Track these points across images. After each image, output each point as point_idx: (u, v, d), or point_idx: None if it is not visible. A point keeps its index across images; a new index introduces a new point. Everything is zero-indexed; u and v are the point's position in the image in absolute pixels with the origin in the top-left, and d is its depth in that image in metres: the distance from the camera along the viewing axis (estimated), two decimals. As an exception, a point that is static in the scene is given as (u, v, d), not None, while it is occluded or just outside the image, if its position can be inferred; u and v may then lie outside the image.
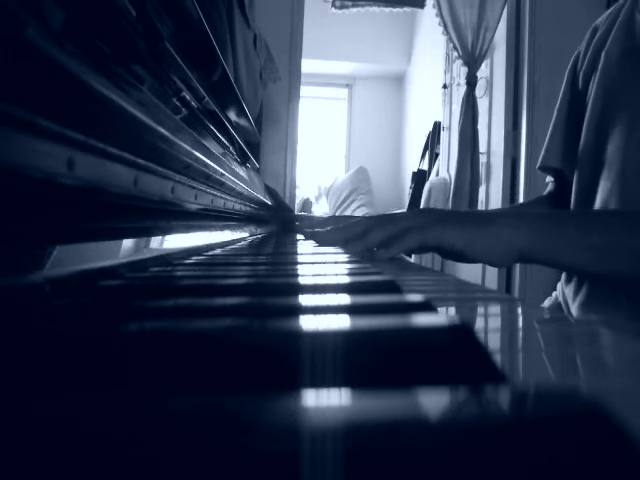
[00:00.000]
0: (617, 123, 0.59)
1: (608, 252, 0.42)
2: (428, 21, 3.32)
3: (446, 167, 2.88)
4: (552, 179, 0.77)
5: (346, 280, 0.25)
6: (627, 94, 0.59)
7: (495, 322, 0.21)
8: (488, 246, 0.43)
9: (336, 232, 0.54)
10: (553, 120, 0.74)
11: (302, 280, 0.26)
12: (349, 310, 0.17)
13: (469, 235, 0.43)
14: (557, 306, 0.70)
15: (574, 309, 0.62)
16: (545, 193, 0.78)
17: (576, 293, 0.63)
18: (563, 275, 0.69)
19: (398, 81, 4.52)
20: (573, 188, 0.67)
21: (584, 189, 0.65)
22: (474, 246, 0.43)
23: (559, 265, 0.46)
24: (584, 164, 0.65)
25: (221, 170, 0.51)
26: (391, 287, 0.23)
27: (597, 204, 0.61)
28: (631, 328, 0.53)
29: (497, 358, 0.13)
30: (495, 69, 2.34)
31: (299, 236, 0.95)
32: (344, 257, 0.42)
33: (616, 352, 0.15)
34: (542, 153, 0.74)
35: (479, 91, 2.37)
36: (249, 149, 1.00)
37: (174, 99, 0.47)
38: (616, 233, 0.43)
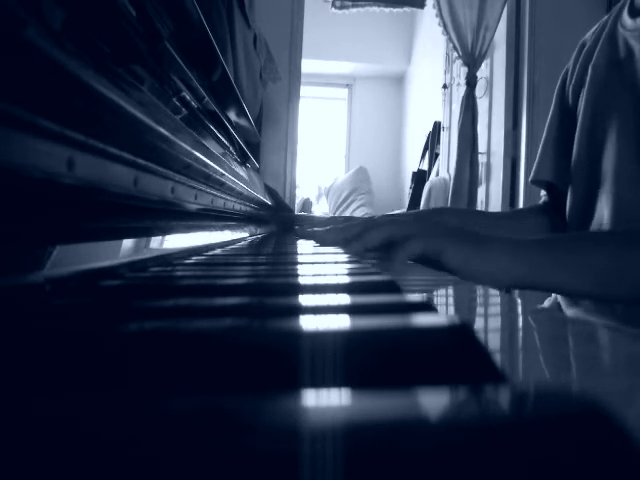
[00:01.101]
0: (608, 135, 0.60)
1: (609, 276, 0.43)
2: (428, 21, 3.32)
3: (446, 167, 2.88)
4: (545, 193, 0.78)
5: (346, 280, 0.25)
6: (615, 106, 0.59)
7: (495, 322, 0.21)
8: (483, 270, 0.43)
9: (336, 232, 0.54)
10: (544, 136, 0.75)
11: (302, 280, 0.26)
12: (349, 310, 0.17)
13: (467, 255, 0.43)
14: (557, 306, 0.71)
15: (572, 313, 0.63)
16: (540, 202, 0.79)
17: (571, 305, 0.64)
18: None
19: (398, 81, 4.52)
20: (568, 201, 0.68)
21: (579, 202, 0.65)
22: (468, 267, 0.43)
23: (558, 291, 0.46)
24: (578, 177, 0.66)
25: (221, 170, 0.51)
26: (391, 287, 0.23)
27: (594, 216, 0.61)
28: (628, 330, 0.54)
29: (497, 358, 0.13)
30: (495, 69, 2.34)
31: (298, 238, 0.95)
32: (344, 257, 0.42)
33: (616, 352, 0.15)
34: (534, 167, 0.75)
35: (479, 91, 2.37)
36: (249, 149, 1.00)
37: (174, 99, 0.47)
38: (615, 256, 0.43)
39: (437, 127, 3.22)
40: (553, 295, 0.75)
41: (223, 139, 0.72)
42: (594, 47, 0.65)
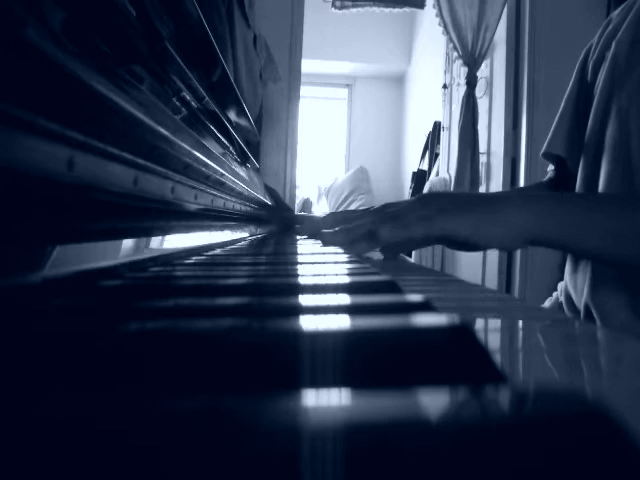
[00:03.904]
0: (619, 109, 0.59)
1: (625, 234, 0.42)
2: (428, 21, 3.32)
3: (446, 167, 2.88)
4: (553, 168, 0.77)
5: (346, 280, 0.25)
6: (631, 81, 0.59)
7: (495, 322, 0.21)
8: (496, 232, 0.42)
9: (340, 234, 0.54)
10: (561, 109, 0.74)
11: (302, 280, 0.26)
12: (349, 310, 0.17)
13: (475, 222, 0.42)
14: (558, 306, 0.70)
15: (583, 298, 0.62)
16: (545, 179, 0.78)
17: (582, 282, 0.63)
18: (568, 266, 0.69)
19: (398, 81, 4.52)
20: (578, 175, 0.67)
21: (588, 175, 0.65)
22: (479, 233, 0.42)
23: (571, 249, 0.45)
24: (589, 150, 0.65)
25: (221, 170, 0.51)
26: (391, 287, 0.23)
27: (600, 190, 0.61)
28: (631, 325, 0.53)
29: (497, 358, 0.13)
30: (495, 69, 2.34)
31: (299, 236, 0.95)
32: (344, 257, 0.42)
33: (616, 352, 0.15)
34: (547, 140, 0.74)
35: (479, 91, 2.37)
36: (249, 149, 1.00)
37: (174, 99, 0.47)
38: (630, 215, 0.42)
39: (437, 127, 3.22)
40: (554, 295, 0.75)
41: (223, 139, 0.72)
42: (620, 24, 0.64)
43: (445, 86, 2.93)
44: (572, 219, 0.42)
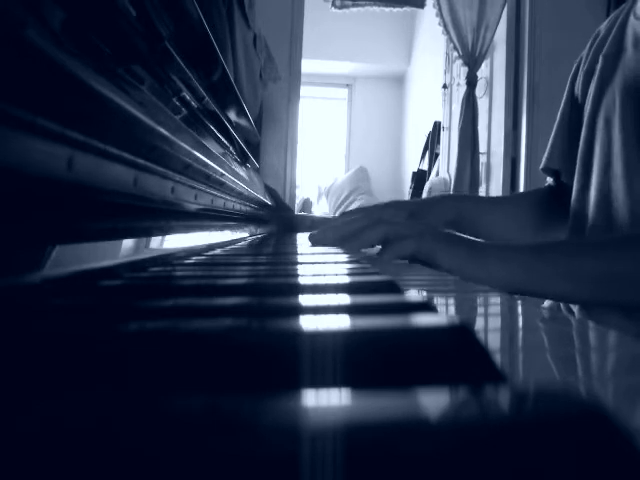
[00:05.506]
0: (606, 119, 0.60)
1: (609, 281, 0.42)
2: (428, 21, 3.32)
3: (446, 167, 2.88)
4: (551, 179, 0.78)
5: (346, 280, 0.25)
6: (613, 90, 0.60)
7: (495, 322, 0.21)
8: (478, 277, 0.43)
9: (333, 231, 0.55)
10: (556, 123, 0.75)
11: (302, 280, 0.26)
12: (349, 310, 0.17)
13: (462, 260, 0.43)
14: (557, 306, 0.70)
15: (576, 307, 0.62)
16: (545, 186, 0.79)
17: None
18: None
19: (398, 81, 4.52)
20: (574, 187, 0.68)
21: (581, 186, 0.66)
22: (463, 271, 0.43)
23: (557, 298, 0.47)
24: (582, 161, 0.66)
25: (221, 170, 0.51)
26: (391, 287, 0.23)
27: (590, 202, 0.62)
28: (629, 326, 0.54)
29: (497, 358, 0.13)
30: (495, 69, 2.34)
31: (299, 236, 0.95)
32: (344, 257, 0.42)
33: (616, 352, 0.15)
34: (545, 155, 0.75)
35: (479, 91, 2.38)
36: (249, 149, 1.00)
37: (174, 99, 0.47)
38: (614, 260, 0.43)
39: (437, 127, 3.22)
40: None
41: (223, 139, 0.72)
42: (606, 37, 0.65)
43: (445, 86, 2.93)
44: (554, 269, 0.43)
